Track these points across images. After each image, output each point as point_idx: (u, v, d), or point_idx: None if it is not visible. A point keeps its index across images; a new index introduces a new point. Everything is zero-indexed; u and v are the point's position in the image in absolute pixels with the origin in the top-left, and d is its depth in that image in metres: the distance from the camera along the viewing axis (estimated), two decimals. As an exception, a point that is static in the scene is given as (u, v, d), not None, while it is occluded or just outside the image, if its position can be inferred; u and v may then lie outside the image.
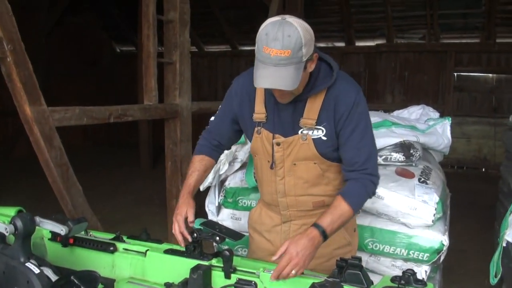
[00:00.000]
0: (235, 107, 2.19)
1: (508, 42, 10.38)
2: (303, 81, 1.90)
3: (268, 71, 1.78)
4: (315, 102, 2.00)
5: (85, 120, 3.72)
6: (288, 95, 1.94)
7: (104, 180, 8.80)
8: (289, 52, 1.75)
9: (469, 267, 4.86)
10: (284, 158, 2.09)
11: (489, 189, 7.40)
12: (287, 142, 2.05)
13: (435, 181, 3.13)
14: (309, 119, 2.01)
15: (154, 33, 4.52)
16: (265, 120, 2.09)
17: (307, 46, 1.79)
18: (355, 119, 1.99)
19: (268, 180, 2.21)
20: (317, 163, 2.07)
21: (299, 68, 1.80)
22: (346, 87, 2.01)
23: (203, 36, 12.66)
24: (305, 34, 1.79)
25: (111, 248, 1.98)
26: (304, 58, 1.80)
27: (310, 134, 2.02)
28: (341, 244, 2.24)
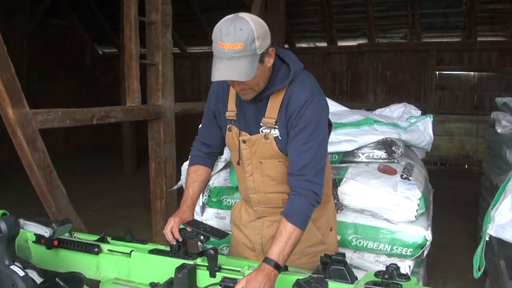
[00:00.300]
0: (212, 105, 2.24)
1: (489, 40, 10.52)
2: (262, 75, 1.93)
3: (222, 65, 1.82)
4: (276, 101, 2.03)
5: (68, 122, 3.70)
6: (249, 91, 1.96)
7: (88, 183, 8.75)
8: (241, 45, 1.78)
9: (453, 262, 4.91)
10: (251, 155, 2.12)
11: (472, 186, 7.49)
12: (252, 140, 2.09)
13: (418, 177, 3.17)
14: (269, 118, 2.03)
15: (136, 34, 4.51)
16: (235, 118, 2.13)
17: (260, 39, 1.83)
18: (302, 121, 1.98)
19: (240, 176, 2.26)
20: (281, 161, 2.10)
21: (253, 61, 1.83)
22: (300, 88, 2.01)
23: (185, 37, 12.64)
24: (257, 28, 1.82)
25: (96, 250, 1.98)
26: (258, 51, 1.83)
27: (272, 133, 2.05)
28: (313, 242, 2.26)
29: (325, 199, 2.21)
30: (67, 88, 12.71)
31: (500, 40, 10.48)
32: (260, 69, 1.89)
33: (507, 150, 4.08)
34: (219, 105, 2.20)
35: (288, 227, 1.89)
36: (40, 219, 1.87)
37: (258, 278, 1.71)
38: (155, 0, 4.78)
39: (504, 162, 4.21)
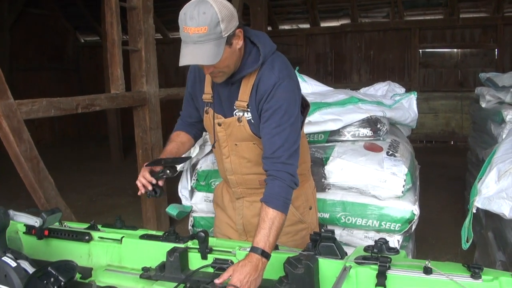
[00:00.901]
0: (190, 88, 2.25)
1: (471, 17, 10.56)
2: (231, 58, 1.91)
3: (188, 49, 1.81)
4: (248, 84, 2.02)
5: (53, 111, 3.68)
6: (219, 74, 1.95)
7: (76, 173, 8.72)
8: (205, 29, 1.77)
9: (442, 237, 4.97)
10: (227, 137, 2.14)
11: (458, 161, 7.56)
12: (226, 123, 2.10)
13: (403, 154, 3.20)
14: (242, 101, 2.03)
15: (118, 20, 4.47)
16: (211, 100, 2.14)
17: (225, 22, 1.80)
18: (272, 103, 1.97)
19: (218, 158, 2.29)
20: (255, 143, 2.11)
21: (219, 44, 1.81)
22: (269, 71, 2.00)
23: (167, 22, 12.52)
24: (222, 10, 1.79)
25: (87, 237, 1.98)
26: (224, 34, 1.81)
27: (245, 116, 2.05)
28: (291, 221, 2.26)
29: (302, 179, 2.21)
30: (50, 78, 12.60)
31: (482, 16, 10.53)
32: (228, 52, 1.86)
33: (492, 124, 4.13)
34: (196, 87, 2.22)
35: (270, 212, 1.85)
36: (29, 209, 1.87)
37: (245, 269, 1.68)
38: (136, -15, 4.75)
39: (489, 136, 4.26)
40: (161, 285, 1.73)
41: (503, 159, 2.76)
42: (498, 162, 2.74)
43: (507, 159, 2.72)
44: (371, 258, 1.59)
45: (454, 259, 4.39)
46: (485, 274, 1.45)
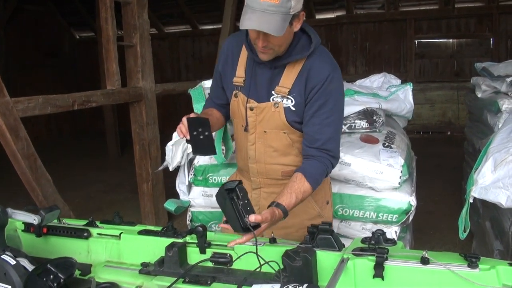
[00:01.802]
0: (220, 67, 2.23)
1: (466, 6, 10.53)
2: (287, 38, 1.93)
3: (255, 15, 1.78)
4: (292, 71, 2.02)
5: (49, 109, 3.68)
6: (269, 52, 1.94)
7: (73, 170, 8.72)
8: (278, 0, 1.76)
9: (439, 227, 4.99)
10: (256, 123, 2.12)
11: (455, 152, 7.58)
12: (260, 107, 2.08)
13: (400, 145, 3.21)
14: (283, 87, 2.03)
15: (112, 16, 4.47)
16: (243, 84, 2.12)
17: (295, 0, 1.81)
18: (324, 95, 1.99)
19: (241, 145, 2.25)
20: (286, 132, 2.10)
21: (285, 20, 1.80)
22: (322, 62, 2.02)
23: (162, 17, 12.50)
24: None
25: (85, 234, 1.98)
26: (292, 11, 1.82)
27: (282, 102, 2.04)
28: (311, 215, 2.27)
29: None
30: (46, 75, 12.57)
31: (477, 5, 10.49)
32: (288, 31, 1.87)
33: (488, 114, 4.13)
34: (227, 68, 2.19)
35: (306, 185, 1.95)
36: (28, 207, 1.87)
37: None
38: (130, -19, 4.74)
39: (486, 126, 4.27)
40: (160, 280, 1.73)
41: (499, 148, 2.76)
42: (494, 152, 2.75)
43: (503, 149, 2.72)
44: (368, 250, 1.60)
45: (452, 249, 4.41)
46: (482, 263, 1.46)
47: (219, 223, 3.29)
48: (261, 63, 2.05)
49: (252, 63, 2.09)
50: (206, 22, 12.31)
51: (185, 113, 1.97)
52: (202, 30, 12.55)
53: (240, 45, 2.14)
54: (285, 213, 1.86)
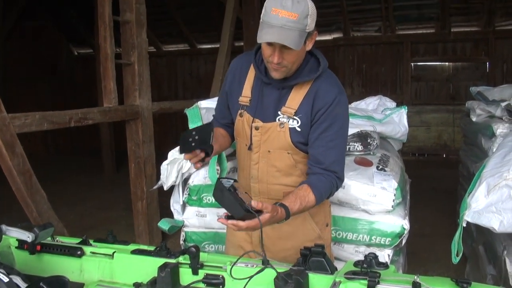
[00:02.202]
0: (227, 85, 2.26)
1: (463, 31, 10.64)
2: (300, 55, 1.98)
3: (274, 30, 1.84)
4: (299, 92, 2.06)
5: (46, 125, 3.69)
6: (283, 69, 1.98)
7: (68, 187, 8.69)
8: (296, 16, 1.82)
9: (434, 250, 4.98)
10: (261, 143, 2.13)
11: (450, 174, 7.57)
12: (266, 127, 2.10)
13: (393, 168, 3.23)
14: (290, 108, 2.05)
15: (111, 34, 4.50)
16: (249, 104, 2.15)
17: (311, 18, 1.88)
18: (330, 117, 2.02)
19: (243, 164, 2.25)
20: (290, 153, 2.11)
21: (302, 36, 1.87)
22: (329, 85, 2.06)
23: (161, 36, 12.57)
24: (312, 7, 1.88)
25: (78, 252, 1.98)
26: (307, 29, 1.88)
27: (288, 123, 2.07)
28: (311, 237, 2.26)
29: None
30: (44, 90, 12.62)
31: (474, 30, 10.60)
32: (301, 49, 1.93)
33: (482, 138, 4.16)
34: (234, 87, 2.22)
35: (311, 196, 1.97)
36: (22, 224, 1.87)
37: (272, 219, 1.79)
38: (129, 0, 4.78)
39: (480, 149, 4.29)
40: (152, 300, 1.73)
41: (493, 173, 2.77)
42: (488, 176, 2.76)
43: (496, 173, 2.74)
44: (360, 273, 1.60)
45: (446, 272, 4.39)
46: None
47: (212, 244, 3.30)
48: (268, 83, 2.09)
49: (259, 83, 2.13)
50: (204, 41, 12.39)
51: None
52: (200, 49, 12.62)
53: (248, 65, 2.18)
54: (288, 214, 1.87)
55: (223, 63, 6.65)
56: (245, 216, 1.73)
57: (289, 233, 2.16)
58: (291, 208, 1.88)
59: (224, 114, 2.32)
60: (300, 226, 2.22)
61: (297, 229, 2.20)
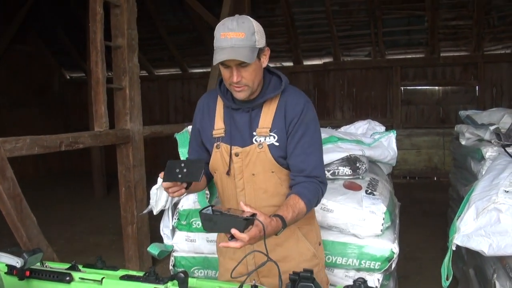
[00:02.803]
0: (198, 123, 2.30)
1: (452, 55, 10.78)
2: (258, 73, 2.05)
3: (225, 50, 1.94)
4: (269, 109, 2.11)
5: (37, 149, 3.69)
6: (244, 88, 2.04)
7: (59, 210, 8.64)
8: (243, 34, 1.94)
9: (425, 274, 4.97)
10: (243, 168, 2.14)
11: (441, 197, 7.61)
12: (245, 151, 2.12)
13: (382, 192, 3.24)
14: (264, 128, 2.10)
15: (103, 59, 4.53)
16: (224, 135, 2.18)
17: (259, 34, 2.01)
18: (303, 125, 2.09)
19: (228, 194, 2.24)
20: (274, 171, 2.13)
21: (253, 51, 1.96)
22: (295, 96, 2.13)
23: (153, 60, 12.66)
24: (256, 25, 2.02)
25: (67, 278, 1.97)
26: (257, 45, 1.99)
27: (265, 141, 2.10)
28: (307, 256, 2.27)
29: (311, 214, 2.30)
30: (35, 114, 12.61)
31: (463, 54, 10.74)
32: (257, 65, 2.03)
33: (471, 161, 4.18)
34: (204, 124, 2.26)
35: (301, 203, 2.00)
36: (11, 249, 1.87)
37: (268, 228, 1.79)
38: (121, 25, 4.82)
39: (469, 173, 4.31)
40: (140, 326, 1.72)
41: (481, 196, 2.79)
42: (476, 200, 2.78)
43: (485, 197, 2.76)
44: (349, 298, 1.60)
45: (437, 296, 4.39)
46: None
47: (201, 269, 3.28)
48: (237, 108, 2.15)
49: (229, 112, 2.18)
50: (195, 65, 12.48)
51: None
52: (191, 73, 12.70)
53: (214, 100, 2.26)
54: (284, 222, 1.88)
55: (214, 87, 6.68)
56: (246, 225, 1.72)
57: (285, 256, 2.16)
58: (285, 216, 1.89)
59: (199, 153, 2.33)
60: (295, 247, 2.22)
61: (292, 251, 2.20)
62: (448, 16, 10.11)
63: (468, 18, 10.00)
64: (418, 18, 10.27)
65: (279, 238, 2.07)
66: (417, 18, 10.28)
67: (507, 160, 3.27)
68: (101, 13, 4.50)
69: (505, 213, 2.55)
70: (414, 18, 10.32)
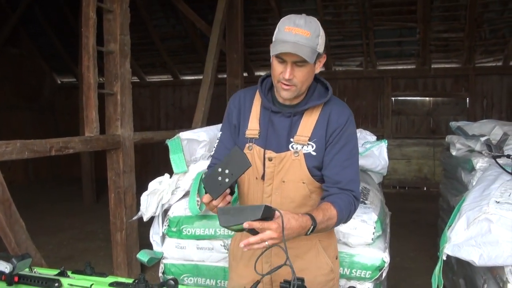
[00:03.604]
0: (235, 119, 2.21)
1: (443, 67, 10.88)
2: (310, 75, 2.00)
3: (288, 44, 1.88)
4: (311, 117, 2.06)
5: (27, 154, 3.66)
6: (292, 88, 1.98)
7: (48, 215, 8.58)
8: (309, 33, 1.89)
9: (415, 284, 4.98)
10: (275, 174, 2.08)
11: (430, 207, 7.64)
12: (280, 157, 2.07)
13: (373, 201, 3.24)
14: (302, 136, 2.05)
15: (95, 64, 4.51)
16: (257, 136, 2.11)
17: (322, 39, 1.95)
18: (344, 137, 2.05)
19: (253, 198, 2.16)
20: (305, 183, 2.07)
21: (313, 53, 1.91)
22: (340, 107, 2.10)
23: (145, 66, 12.65)
24: (322, 29, 1.96)
25: (56, 284, 1.95)
26: (318, 49, 1.93)
27: (302, 150, 2.05)
28: (324, 270, 2.21)
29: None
30: (26, 118, 12.56)
31: (454, 66, 10.83)
32: (311, 69, 1.98)
33: (462, 172, 4.20)
34: (240, 120, 2.19)
35: (333, 211, 1.93)
36: (0, 254, 1.85)
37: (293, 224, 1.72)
38: (114, 30, 4.80)
39: (460, 183, 4.32)
40: (129, 333, 1.71)
41: (472, 206, 2.80)
42: (467, 210, 2.79)
43: (476, 207, 2.76)
44: (340, 307, 1.60)
45: (426, 306, 4.39)
46: (451, 323, 1.47)
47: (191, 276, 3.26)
48: (277, 112, 2.08)
49: (267, 114, 2.11)
50: (187, 72, 12.49)
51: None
52: (183, 80, 12.70)
53: (251, 99, 2.18)
54: (314, 221, 1.80)
55: (206, 94, 6.68)
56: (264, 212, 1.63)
57: (303, 268, 2.07)
58: (316, 217, 1.83)
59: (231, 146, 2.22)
60: (314, 260, 2.17)
61: (310, 264, 2.15)
62: (440, 29, 10.19)
63: (459, 30, 10.08)
64: (410, 29, 10.34)
65: (300, 249, 2.06)
66: (409, 29, 10.35)
67: (498, 171, 3.28)
68: (94, 18, 4.48)
69: (496, 223, 2.56)
70: (406, 29, 10.38)
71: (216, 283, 3.23)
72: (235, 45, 7.61)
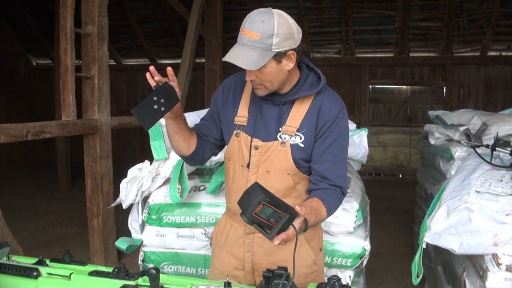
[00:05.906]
0: (219, 102, 2.18)
1: (421, 56, 10.97)
2: (277, 75, 1.92)
3: (236, 49, 1.87)
4: (301, 107, 2.01)
5: (2, 138, 3.58)
6: (260, 86, 1.95)
7: (22, 201, 8.45)
8: (257, 36, 1.82)
9: (391, 269, 5.04)
10: (260, 163, 2.05)
11: (406, 194, 7.73)
12: (266, 146, 2.03)
13: (355, 190, 3.25)
14: (291, 126, 2.00)
15: (72, 47, 4.41)
16: (246, 124, 2.08)
17: (279, 38, 1.83)
18: (335, 132, 2.00)
19: (238, 186, 2.12)
20: (290, 174, 2.04)
21: (265, 55, 1.84)
22: (332, 99, 2.04)
23: (121, 49, 12.45)
24: (281, 26, 1.85)
25: (35, 273, 1.91)
26: (274, 48, 1.84)
27: (289, 141, 2.01)
28: (307, 262, 2.19)
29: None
30: (1, 101, 12.30)
31: (431, 55, 10.93)
32: (275, 68, 1.89)
33: (440, 161, 4.23)
34: (227, 106, 2.15)
35: (323, 210, 1.92)
36: (-23, 243, 1.81)
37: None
38: (92, 12, 4.70)
39: (438, 172, 4.36)
40: (110, 324, 1.68)
41: (452, 196, 2.82)
42: (448, 199, 2.81)
43: (456, 196, 2.79)
44: (324, 297, 1.59)
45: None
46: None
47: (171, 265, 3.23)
48: (268, 99, 2.04)
49: (257, 101, 2.07)
50: (164, 56, 12.33)
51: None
52: (160, 64, 12.54)
53: (243, 83, 2.13)
54: (306, 226, 1.76)
55: (184, 79, 6.62)
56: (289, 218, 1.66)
57: (284, 260, 2.01)
58: (308, 219, 1.78)
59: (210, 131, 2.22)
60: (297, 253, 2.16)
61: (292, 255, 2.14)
62: (419, 17, 10.25)
63: (438, 19, 10.16)
64: (389, 18, 10.37)
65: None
66: (388, 17, 10.38)
67: (477, 161, 3.31)
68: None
69: (477, 213, 2.58)
70: (385, 17, 10.41)
71: (196, 271, 3.21)
72: (214, 29, 7.52)
